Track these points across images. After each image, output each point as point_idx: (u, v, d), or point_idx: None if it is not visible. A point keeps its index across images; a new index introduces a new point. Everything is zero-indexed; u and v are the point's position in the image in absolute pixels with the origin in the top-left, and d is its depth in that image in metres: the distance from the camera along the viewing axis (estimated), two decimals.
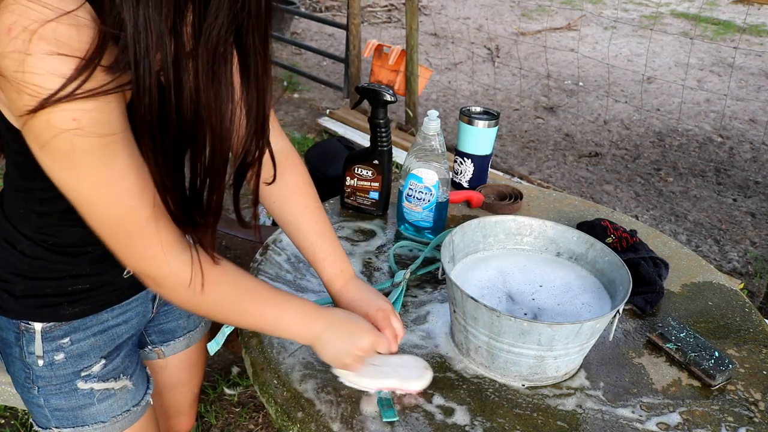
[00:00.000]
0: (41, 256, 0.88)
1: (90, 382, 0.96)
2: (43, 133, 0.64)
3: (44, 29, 0.60)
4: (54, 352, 0.93)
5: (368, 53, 3.88)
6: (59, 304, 0.91)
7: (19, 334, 0.91)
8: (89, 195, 0.70)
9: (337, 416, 0.89)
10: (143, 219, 0.72)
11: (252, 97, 0.74)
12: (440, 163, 1.25)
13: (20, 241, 0.87)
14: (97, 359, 0.97)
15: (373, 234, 1.34)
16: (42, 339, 0.91)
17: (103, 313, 0.96)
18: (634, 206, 3.55)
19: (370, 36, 5.72)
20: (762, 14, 8.29)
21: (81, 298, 0.92)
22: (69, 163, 0.66)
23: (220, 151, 0.73)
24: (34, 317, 0.91)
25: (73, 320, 0.93)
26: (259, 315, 0.86)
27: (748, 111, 4.98)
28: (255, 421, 1.99)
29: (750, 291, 2.83)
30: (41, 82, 0.61)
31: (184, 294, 0.79)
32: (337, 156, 2.63)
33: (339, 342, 0.89)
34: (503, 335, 0.91)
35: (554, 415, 0.92)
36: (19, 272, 0.89)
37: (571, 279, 1.07)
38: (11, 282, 0.89)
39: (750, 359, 1.06)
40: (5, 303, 0.91)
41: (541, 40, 6.32)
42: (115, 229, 0.73)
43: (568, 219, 1.45)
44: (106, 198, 0.70)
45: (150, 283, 0.79)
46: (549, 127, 4.54)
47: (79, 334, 0.94)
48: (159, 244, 0.74)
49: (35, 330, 0.91)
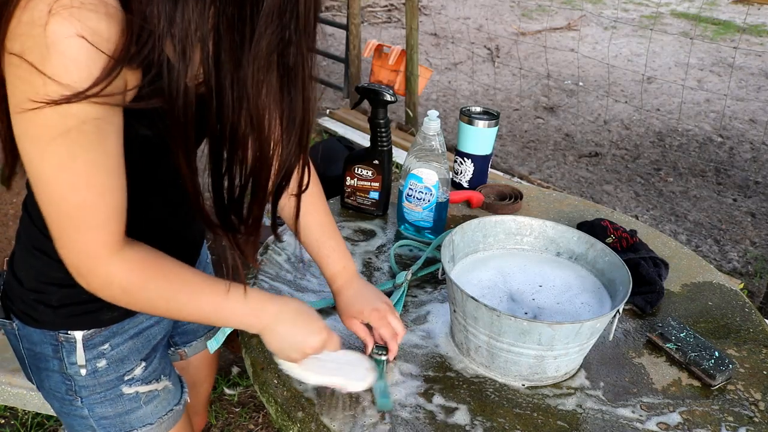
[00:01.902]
0: None
1: (134, 386, 0.95)
2: (21, 103, 0.62)
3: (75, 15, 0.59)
4: (96, 359, 0.91)
5: (368, 53, 3.88)
6: (99, 309, 0.89)
7: (57, 345, 0.89)
8: (50, 174, 0.67)
9: (337, 416, 0.89)
10: (97, 220, 0.70)
11: (297, 107, 0.73)
12: (440, 163, 1.25)
13: (51, 248, 0.83)
14: (137, 362, 0.96)
15: (373, 234, 1.34)
16: (84, 347, 0.89)
17: (138, 315, 0.95)
18: (634, 206, 3.55)
19: (370, 36, 5.71)
20: (762, 14, 8.29)
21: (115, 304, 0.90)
22: (45, 138, 0.64)
23: (264, 157, 0.72)
24: (74, 326, 0.88)
25: (112, 325, 0.91)
26: (197, 307, 0.81)
27: (748, 111, 4.98)
28: (255, 421, 1.99)
29: (750, 291, 2.83)
30: (67, 73, 0.60)
31: (113, 292, 0.76)
32: (337, 156, 2.62)
33: (289, 336, 0.86)
34: (503, 335, 0.91)
35: (554, 415, 0.92)
36: (55, 281, 0.86)
37: (571, 279, 1.07)
38: (46, 292, 0.87)
39: (750, 359, 1.06)
40: (42, 315, 0.88)
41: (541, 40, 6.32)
42: (63, 216, 0.70)
43: (568, 219, 1.45)
44: (67, 183, 0.67)
45: (78, 277, 0.75)
46: (549, 127, 4.54)
47: (117, 338, 0.93)
48: (102, 246, 0.72)
49: (76, 339, 0.89)
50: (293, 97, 0.72)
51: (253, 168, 0.73)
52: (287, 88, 0.71)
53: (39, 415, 1.92)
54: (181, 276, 0.80)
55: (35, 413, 1.93)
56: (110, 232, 0.72)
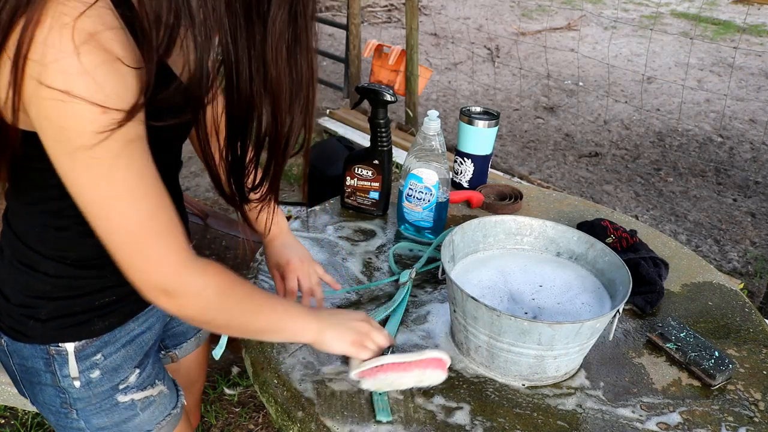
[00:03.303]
0: (65, 274, 0.85)
1: (129, 394, 0.95)
2: (79, 137, 0.63)
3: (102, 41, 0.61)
4: (89, 370, 0.90)
5: (368, 53, 3.88)
6: (89, 320, 0.88)
7: (49, 359, 0.88)
8: (110, 201, 0.68)
9: (337, 416, 0.89)
10: (167, 230, 0.72)
11: (303, 73, 0.75)
12: (440, 163, 1.25)
13: (40, 261, 0.84)
14: (131, 370, 0.95)
15: (373, 234, 1.34)
16: (76, 359, 0.88)
17: (129, 322, 0.94)
18: (634, 206, 3.55)
19: (370, 36, 5.71)
20: (762, 14, 8.29)
21: (110, 310, 0.90)
22: (104, 167, 0.65)
23: (281, 123, 0.75)
24: (65, 338, 0.87)
25: (104, 334, 0.90)
26: (270, 310, 0.86)
27: (748, 111, 4.97)
28: (255, 421, 1.99)
29: (750, 291, 2.83)
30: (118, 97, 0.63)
31: (208, 298, 0.77)
32: (337, 156, 2.62)
33: (338, 325, 0.91)
34: (503, 335, 0.91)
35: (554, 415, 0.92)
36: (43, 294, 0.85)
37: (571, 279, 1.07)
38: (35, 306, 0.85)
39: (750, 359, 1.06)
40: (31, 330, 0.87)
41: (541, 40, 6.32)
42: (133, 238, 0.70)
43: (568, 219, 1.45)
44: (129, 205, 0.68)
45: (165, 297, 0.74)
46: (549, 127, 4.54)
47: (110, 347, 0.92)
48: (183, 253, 0.73)
49: (67, 351, 0.88)
50: (300, 64, 0.74)
51: (273, 127, 0.76)
52: (295, 56, 0.73)
53: (39, 415, 1.92)
54: (249, 288, 0.84)
55: (35, 413, 1.93)
56: (182, 240, 0.74)
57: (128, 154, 0.67)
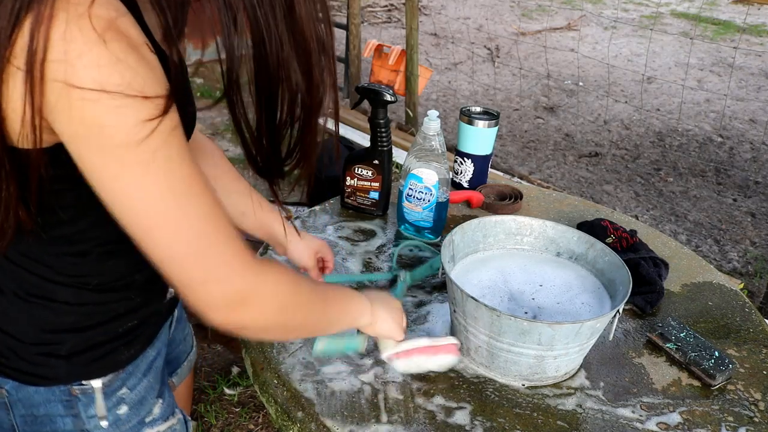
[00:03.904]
0: (87, 301, 0.77)
1: (156, 426, 0.90)
2: (120, 134, 0.56)
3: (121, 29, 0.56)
4: (116, 407, 0.83)
5: (368, 53, 3.88)
6: (115, 349, 0.81)
7: (71, 400, 0.79)
8: (156, 206, 0.59)
9: (337, 416, 0.89)
10: (227, 230, 0.64)
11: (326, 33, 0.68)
12: (440, 163, 1.25)
13: (57, 290, 0.75)
14: (154, 400, 0.90)
15: (373, 234, 1.34)
16: (103, 396, 0.81)
17: (148, 348, 0.88)
18: (634, 206, 3.55)
19: (370, 36, 5.71)
20: (762, 14, 8.29)
21: (134, 336, 0.84)
22: (144, 164, 0.58)
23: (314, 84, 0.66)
24: (91, 374, 0.80)
25: (128, 365, 0.84)
26: (328, 312, 0.82)
27: (748, 111, 4.97)
28: (255, 421, 1.99)
29: (750, 291, 2.83)
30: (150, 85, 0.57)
31: (283, 297, 0.69)
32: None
33: (386, 311, 0.91)
34: (503, 335, 0.91)
35: (554, 415, 0.92)
36: (64, 327, 0.77)
37: (571, 279, 1.07)
38: (55, 342, 0.77)
39: (750, 359, 1.06)
40: (52, 370, 0.77)
41: (541, 40, 6.32)
42: (188, 247, 0.61)
43: (568, 219, 1.45)
44: (178, 206, 0.60)
45: (233, 310, 0.65)
46: (549, 127, 4.54)
47: (133, 379, 0.85)
48: (249, 254, 0.65)
49: (94, 389, 0.80)
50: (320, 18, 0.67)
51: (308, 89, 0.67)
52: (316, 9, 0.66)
53: None
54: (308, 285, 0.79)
55: None
56: (241, 238, 0.66)
57: (174, 146, 0.60)
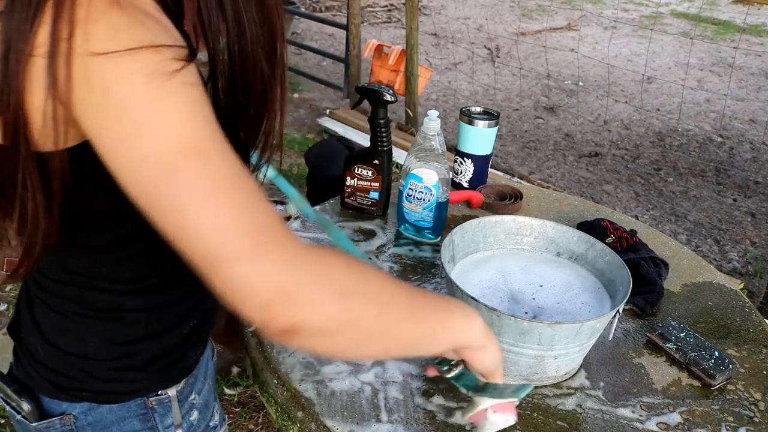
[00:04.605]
0: (154, 305, 0.74)
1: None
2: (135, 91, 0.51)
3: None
4: (189, 413, 0.83)
5: (368, 53, 3.88)
6: (185, 354, 0.80)
7: (147, 413, 0.78)
8: (197, 202, 0.51)
9: (337, 416, 0.89)
10: (264, 204, 0.54)
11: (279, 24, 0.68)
12: (440, 163, 1.25)
13: (125, 300, 0.72)
14: (214, 404, 0.90)
15: (373, 234, 1.34)
16: (178, 403, 0.80)
17: (201, 346, 0.85)
18: (634, 206, 3.55)
19: (370, 36, 5.71)
20: (762, 14, 8.29)
21: (197, 337, 0.82)
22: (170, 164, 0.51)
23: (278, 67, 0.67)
24: (168, 382, 0.78)
25: (194, 369, 0.82)
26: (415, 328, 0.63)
27: (748, 111, 4.97)
28: (255, 421, 1.99)
29: (750, 291, 2.83)
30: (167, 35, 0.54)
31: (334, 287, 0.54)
32: (337, 156, 2.62)
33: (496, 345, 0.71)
34: (503, 335, 0.91)
35: (554, 415, 0.92)
36: (138, 337, 0.74)
37: (571, 279, 1.07)
38: (131, 354, 0.74)
39: (750, 359, 1.06)
40: (131, 383, 0.75)
41: (541, 40, 6.32)
42: (228, 240, 0.51)
43: (568, 219, 1.45)
44: (222, 199, 0.52)
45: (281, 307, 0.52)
46: (549, 127, 4.54)
47: (198, 383, 0.85)
48: (283, 226, 0.54)
49: (170, 397, 0.79)
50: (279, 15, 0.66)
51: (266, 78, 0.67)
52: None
53: None
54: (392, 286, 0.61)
55: None
56: (282, 220, 0.55)
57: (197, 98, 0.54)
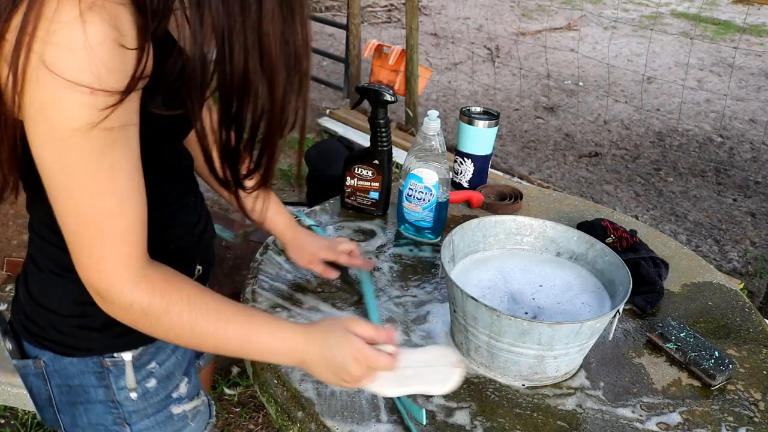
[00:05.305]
0: None
1: (182, 405, 0.93)
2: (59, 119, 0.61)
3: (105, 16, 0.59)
4: (145, 380, 0.88)
5: (368, 53, 3.88)
6: None
7: (102, 372, 0.84)
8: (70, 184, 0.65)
9: (337, 416, 0.89)
10: (119, 230, 0.68)
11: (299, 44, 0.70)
12: (440, 163, 1.25)
13: None
14: (180, 377, 0.93)
15: (373, 234, 1.34)
16: (134, 368, 0.86)
17: None
18: (634, 206, 3.55)
19: (370, 36, 5.71)
20: (762, 14, 8.29)
21: None
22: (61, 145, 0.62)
23: (279, 96, 0.69)
24: (123, 347, 0.84)
25: (157, 340, 0.87)
26: (224, 337, 0.75)
27: (748, 111, 4.97)
28: (255, 421, 1.99)
29: (750, 291, 2.83)
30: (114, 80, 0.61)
31: (134, 315, 0.72)
32: (337, 156, 2.62)
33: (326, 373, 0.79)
34: (503, 335, 0.91)
35: (554, 415, 0.92)
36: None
37: (571, 279, 1.07)
38: (89, 315, 0.80)
39: (750, 359, 1.06)
40: (85, 341, 0.82)
41: (541, 40, 6.32)
42: (80, 230, 0.67)
43: (568, 219, 1.45)
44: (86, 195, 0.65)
45: (98, 299, 0.72)
46: (549, 127, 4.54)
47: (162, 354, 0.89)
48: (123, 263, 0.69)
49: (125, 361, 0.85)
50: (296, 35, 0.69)
51: (265, 110, 0.70)
52: (290, 27, 0.68)
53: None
54: (205, 301, 0.75)
55: (35, 413, 1.93)
56: (135, 249, 0.70)
57: (108, 143, 0.64)
